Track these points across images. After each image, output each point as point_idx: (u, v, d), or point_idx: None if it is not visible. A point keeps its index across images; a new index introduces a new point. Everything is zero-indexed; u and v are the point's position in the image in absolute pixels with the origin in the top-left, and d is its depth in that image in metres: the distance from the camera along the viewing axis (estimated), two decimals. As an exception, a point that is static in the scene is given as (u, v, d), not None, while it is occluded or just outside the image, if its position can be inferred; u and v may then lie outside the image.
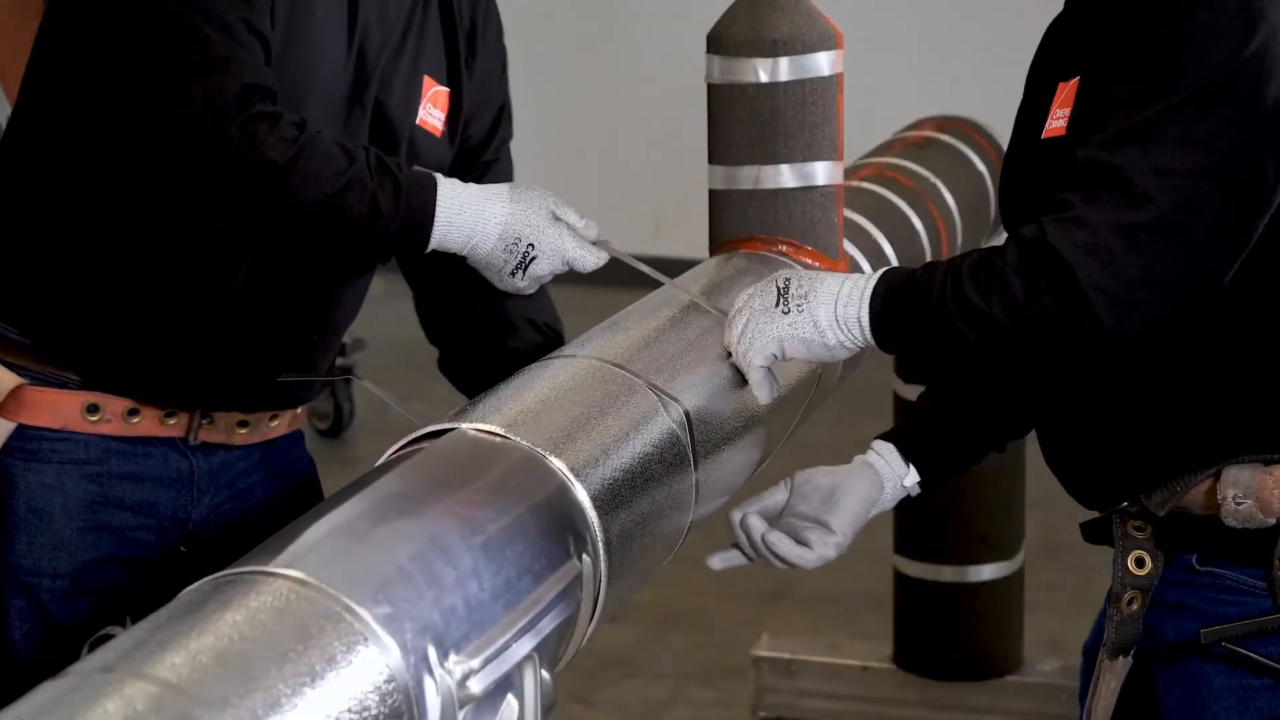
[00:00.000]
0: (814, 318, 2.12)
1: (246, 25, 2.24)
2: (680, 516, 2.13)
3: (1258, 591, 2.11)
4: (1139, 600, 2.15)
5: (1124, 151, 1.99)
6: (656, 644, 4.74)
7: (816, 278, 2.14)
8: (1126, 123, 2.00)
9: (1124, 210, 1.98)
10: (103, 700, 1.39)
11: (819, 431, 5.25)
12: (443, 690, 1.58)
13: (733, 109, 2.71)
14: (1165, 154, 1.98)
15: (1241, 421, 2.09)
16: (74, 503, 2.39)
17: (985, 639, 4.16)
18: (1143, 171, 1.98)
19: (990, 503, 4.08)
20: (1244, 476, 2.08)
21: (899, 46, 7.25)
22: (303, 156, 2.21)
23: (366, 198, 2.24)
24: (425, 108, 2.48)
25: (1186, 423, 2.12)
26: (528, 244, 2.34)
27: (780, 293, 2.14)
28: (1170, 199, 1.97)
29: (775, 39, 2.68)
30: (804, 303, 2.12)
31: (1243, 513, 2.08)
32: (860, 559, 5.14)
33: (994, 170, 3.63)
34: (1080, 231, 1.98)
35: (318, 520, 1.71)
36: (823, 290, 2.12)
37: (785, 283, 2.14)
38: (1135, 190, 1.97)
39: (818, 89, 2.71)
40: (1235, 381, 2.09)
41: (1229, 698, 2.13)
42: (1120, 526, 2.16)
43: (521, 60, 9.25)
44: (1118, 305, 1.98)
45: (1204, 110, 1.98)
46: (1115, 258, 1.97)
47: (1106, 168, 1.99)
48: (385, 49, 2.42)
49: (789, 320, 2.13)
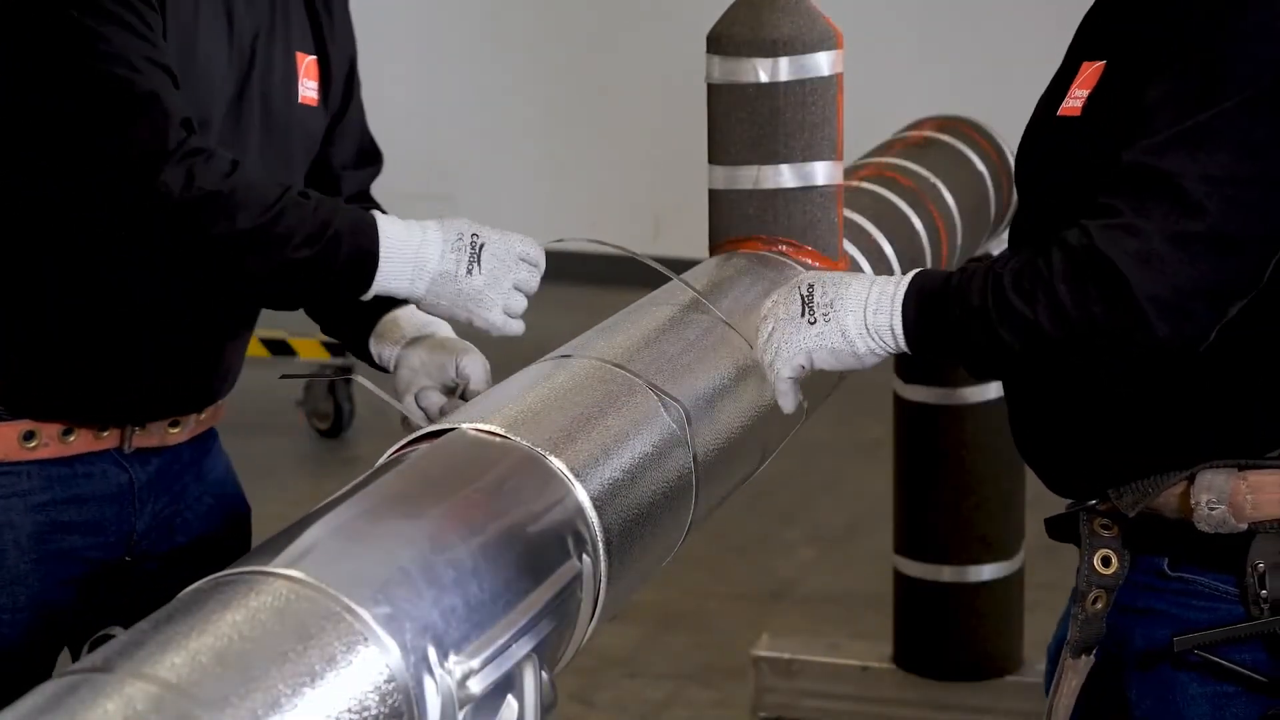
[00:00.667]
0: (842, 327, 2.08)
1: (151, 60, 2.24)
2: (680, 517, 2.13)
3: (1230, 598, 2.10)
4: (1104, 599, 2.14)
5: (1173, 157, 1.96)
6: (656, 644, 4.74)
7: (840, 282, 2.09)
8: (1175, 127, 1.97)
9: (1177, 219, 1.95)
10: (102, 700, 1.39)
11: (819, 431, 5.26)
12: (443, 690, 1.58)
13: (733, 109, 2.71)
14: (1217, 161, 1.95)
15: (1218, 425, 2.09)
16: (24, 537, 2.39)
17: (985, 639, 4.16)
18: (1194, 179, 1.95)
19: (990, 503, 4.08)
20: (1218, 481, 2.07)
21: (899, 46, 7.25)
22: (246, 190, 2.21)
23: (304, 233, 2.23)
24: (302, 83, 2.48)
25: (1162, 424, 2.11)
26: (471, 233, 2.29)
27: (804, 301, 2.09)
28: (1223, 208, 1.95)
29: (775, 39, 2.68)
30: (830, 311, 2.08)
31: (1216, 518, 2.06)
32: (860, 559, 5.17)
33: (994, 170, 3.63)
34: (1132, 240, 1.95)
35: (318, 520, 1.71)
36: (849, 297, 2.07)
37: (809, 290, 2.09)
38: (1188, 198, 1.95)
39: (818, 89, 2.71)
40: (1212, 384, 2.08)
41: (1203, 705, 2.12)
42: (1087, 524, 2.14)
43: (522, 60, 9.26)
44: (1172, 314, 1.95)
45: (1256, 116, 1.96)
46: (1169, 267, 1.94)
47: (1156, 174, 1.97)
48: (259, 36, 2.42)
49: (816, 331, 2.08)
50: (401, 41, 7.92)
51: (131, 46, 2.24)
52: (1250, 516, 2.06)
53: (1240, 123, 1.96)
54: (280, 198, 2.23)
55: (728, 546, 5.20)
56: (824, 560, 5.23)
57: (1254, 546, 2.07)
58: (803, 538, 5.39)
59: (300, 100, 2.47)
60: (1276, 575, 2.06)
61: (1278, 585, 2.06)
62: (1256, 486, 2.06)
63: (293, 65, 2.46)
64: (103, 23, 2.23)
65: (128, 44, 2.24)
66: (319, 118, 2.52)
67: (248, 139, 2.39)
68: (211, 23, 2.36)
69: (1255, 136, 1.96)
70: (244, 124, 2.39)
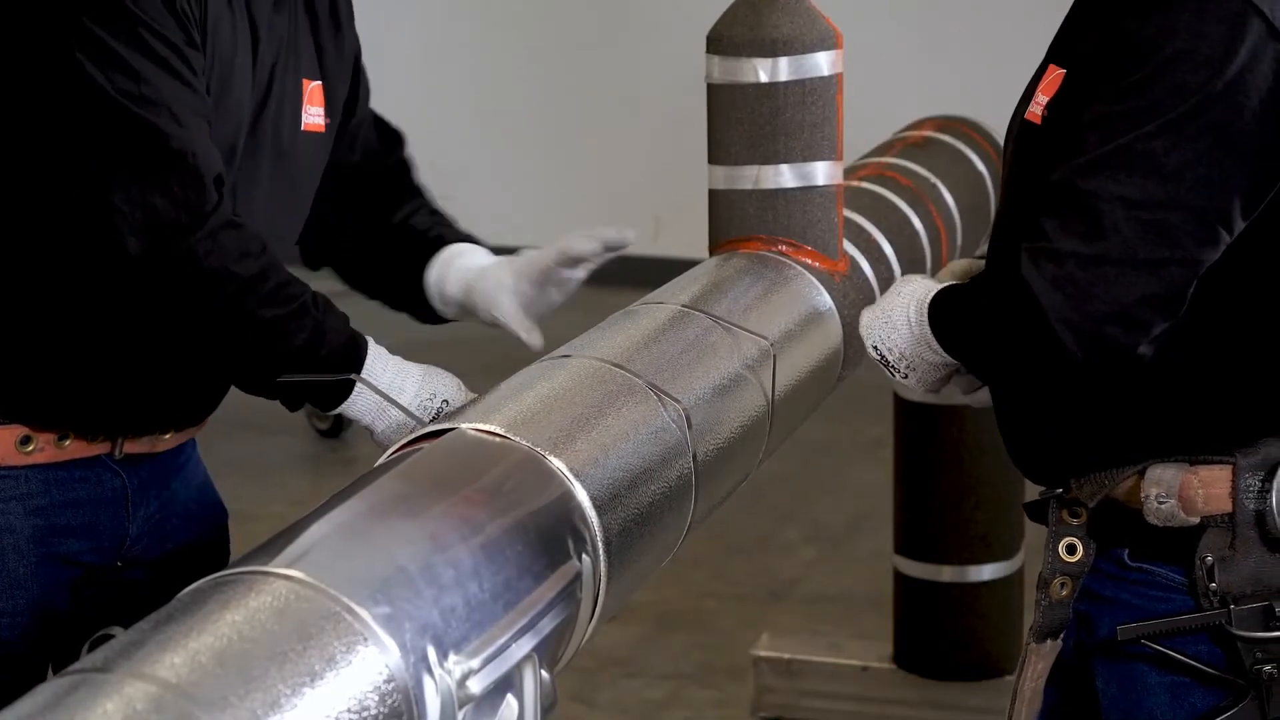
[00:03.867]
0: (922, 373, 2.26)
1: (195, 111, 2.21)
2: (680, 516, 2.13)
3: (1185, 589, 2.12)
4: (1069, 586, 2.18)
5: (1094, 179, 2.01)
6: (656, 644, 4.74)
7: (891, 329, 2.25)
8: (1100, 149, 2.01)
9: (1091, 241, 2.00)
10: (102, 700, 1.39)
11: (819, 431, 5.27)
12: (442, 690, 1.58)
13: (733, 109, 2.71)
14: (1134, 185, 1.99)
15: (1171, 423, 2.11)
16: (24, 540, 2.37)
17: (985, 639, 4.16)
18: (1110, 201, 2.00)
19: (990, 503, 4.08)
20: (1167, 475, 2.09)
21: (899, 46, 7.25)
22: (270, 272, 2.22)
23: (308, 326, 2.25)
24: (307, 110, 2.46)
25: (1118, 419, 2.13)
26: (444, 400, 2.33)
27: (885, 365, 2.27)
28: (1137, 231, 1.99)
29: (775, 39, 2.68)
30: (907, 364, 2.26)
31: (1164, 511, 2.09)
32: (860, 559, 5.17)
33: (994, 170, 3.63)
34: (1050, 265, 2.01)
35: (318, 520, 1.71)
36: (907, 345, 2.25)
37: (880, 356, 2.27)
38: (1103, 221, 1.99)
39: (818, 89, 2.71)
40: (1166, 384, 2.10)
41: (1161, 694, 2.15)
42: (1056, 512, 2.19)
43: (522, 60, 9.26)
44: (1086, 339, 2.01)
45: (1174, 141, 1.98)
46: (1080, 291, 2.00)
47: (1077, 195, 2.02)
48: (276, 64, 2.39)
49: (913, 381, 2.27)
50: (401, 42, 7.92)
51: (174, 94, 2.18)
52: (1201, 510, 2.09)
53: (1159, 147, 1.99)
54: (300, 299, 2.26)
55: (728, 546, 5.20)
56: (824, 560, 5.23)
57: (1204, 540, 2.09)
58: (803, 538, 5.39)
59: (304, 128, 2.46)
60: (1225, 569, 2.09)
61: (1226, 579, 2.09)
62: (1208, 481, 2.09)
63: (299, 92, 2.45)
64: (146, 63, 2.18)
65: (172, 90, 2.19)
66: (324, 144, 2.51)
67: (260, 170, 2.38)
68: (244, 55, 2.34)
69: (1172, 160, 1.99)
70: (258, 155, 2.37)
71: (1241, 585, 2.08)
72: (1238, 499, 2.08)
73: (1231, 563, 2.08)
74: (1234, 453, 2.08)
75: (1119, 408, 2.12)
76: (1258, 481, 2.08)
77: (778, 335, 2.48)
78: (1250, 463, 2.08)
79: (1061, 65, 2.13)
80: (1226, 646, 2.10)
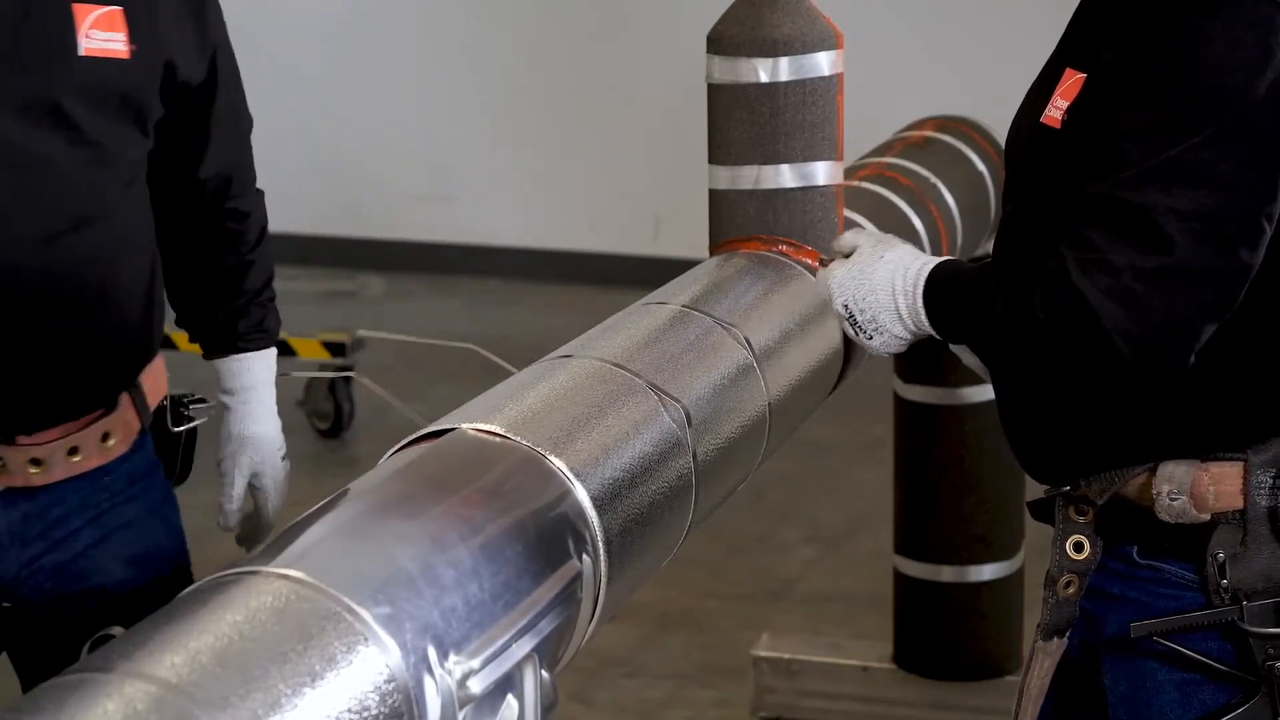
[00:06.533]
0: (893, 333, 2.25)
1: None
2: (680, 516, 2.13)
3: (1195, 587, 2.13)
4: (1076, 584, 2.19)
5: (1145, 192, 2.01)
6: (656, 644, 4.74)
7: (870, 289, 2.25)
8: (1148, 162, 2.01)
9: (1148, 255, 2.00)
10: (103, 700, 1.39)
11: (819, 431, 5.26)
12: (443, 690, 1.58)
13: (733, 109, 2.71)
14: (1187, 196, 2.00)
15: (1182, 420, 2.11)
16: None
17: (985, 639, 4.16)
18: (1164, 214, 2.00)
19: (990, 503, 4.08)
20: (1179, 472, 2.10)
21: (899, 46, 7.25)
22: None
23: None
24: (89, 34, 2.36)
25: (1130, 421, 2.14)
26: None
27: (851, 322, 2.28)
28: (1192, 243, 2.00)
29: (775, 39, 2.68)
30: (876, 325, 2.26)
31: (1176, 508, 2.10)
32: (860, 559, 5.17)
33: (994, 170, 3.63)
34: (1104, 276, 2.01)
35: (318, 520, 1.71)
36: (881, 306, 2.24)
37: (848, 312, 2.27)
38: (1159, 234, 2.00)
39: (818, 89, 2.71)
40: (1180, 379, 2.10)
41: (1171, 692, 2.15)
42: (1062, 510, 2.19)
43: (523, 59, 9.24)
44: (1142, 350, 2.01)
45: (1223, 152, 1.99)
46: (1139, 302, 2.00)
47: (1129, 208, 2.01)
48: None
49: (876, 344, 2.27)
50: (401, 42, 7.92)
51: None
52: (1213, 507, 2.10)
53: (1208, 157, 1.99)
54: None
55: (728, 546, 5.20)
56: (824, 560, 5.23)
57: (1215, 537, 2.10)
58: (803, 538, 5.39)
59: (84, 53, 2.35)
60: (1236, 565, 2.09)
61: (1237, 575, 2.09)
62: (1219, 478, 2.10)
63: (67, 16, 2.35)
64: None
65: None
66: (127, 71, 2.40)
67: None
68: None
69: (1223, 170, 2.00)
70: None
71: (1253, 581, 2.09)
72: (1249, 495, 2.08)
73: (1243, 559, 2.09)
74: (1245, 450, 2.09)
75: (1131, 408, 2.12)
76: (1269, 478, 2.09)
77: (775, 338, 2.47)
78: (1262, 459, 2.09)
79: (1079, 69, 2.12)
80: (1238, 643, 2.10)
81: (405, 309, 7.45)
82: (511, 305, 7.52)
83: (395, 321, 7.21)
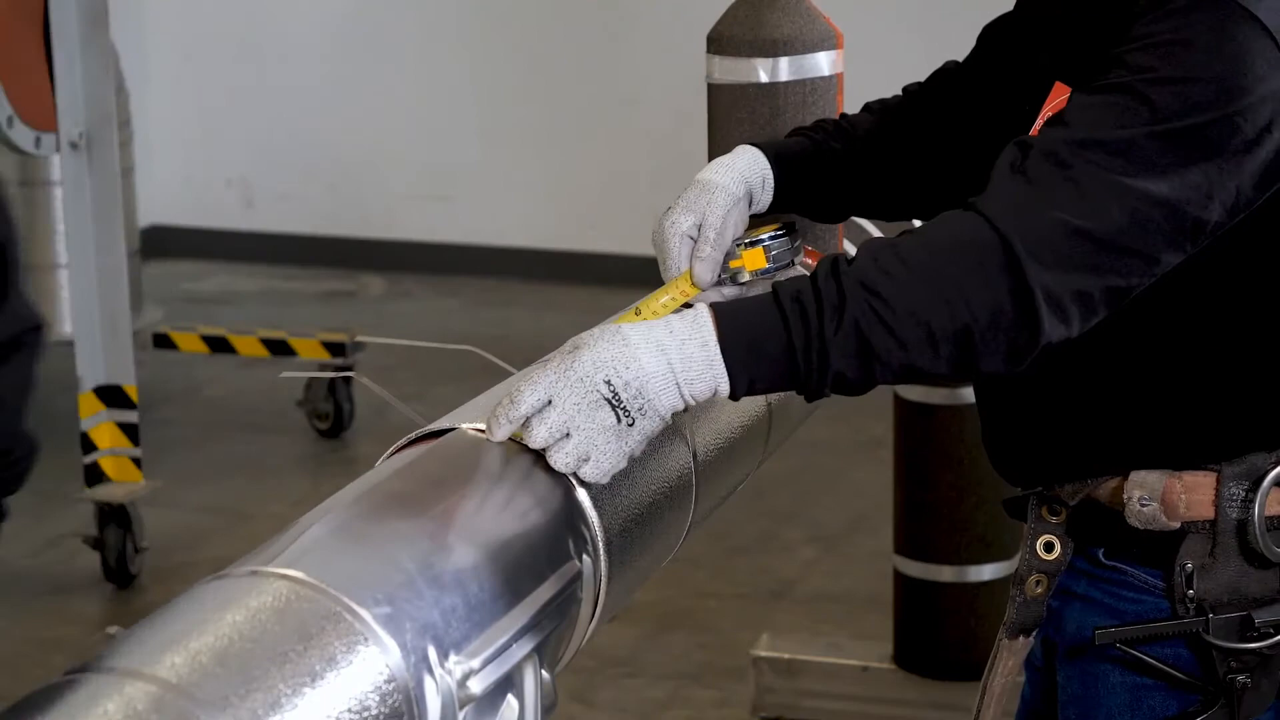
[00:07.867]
0: (661, 413, 1.89)
1: None
2: (680, 516, 2.13)
3: (1159, 592, 2.11)
4: (1044, 584, 2.18)
5: (1091, 155, 1.94)
6: (656, 644, 4.74)
7: (635, 364, 1.87)
8: (1104, 133, 1.95)
9: (1077, 213, 1.93)
10: (103, 700, 1.39)
11: (819, 431, 5.26)
12: (443, 690, 1.58)
13: (733, 109, 2.71)
14: (1130, 175, 1.94)
15: (1155, 432, 2.10)
16: None
17: (985, 639, 4.13)
18: (1104, 183, 1.94)
19: (990, 503, 4.08)
20: (1151, 479, 2.08)
21: (899, 46, 7.25)
22: None
23: None
24: None
25: (1103, 429, 2.12)
26: None
27: (612, 405, 1.85)
28: (1125, 218, 1.94)
29: (775, 39, 2.68)
30: (644, 405, 1.87)
31: (1146, 514, 2.08)
32: (860, 559, 5.17)
33: (994, 170, 3.62)
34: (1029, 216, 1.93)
35: (318, 520, 1.71)
36: (654, 379, 1.87)
37: (611, 391, 1.85)
38: (1094, 198, 1.94)
39: (818, 89, 2.71)
40: (1154, 391, 2.09)
41: (1122, 695, 2.14)
42: (1035, 509, 2.18)
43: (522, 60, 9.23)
44: (1053, 308, 1.92)
45: (1172, 146, 1.95)
46: (1059, 260, 1.92)
47: (1065, 165, 1.94)
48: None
49: (637, 430, 1.88)
50: (402, 43, 7.92)
51: None
52: (1183, 516, 2.08)
53: (1156, 146, 1.94)
54: None
55: (728, 546, 5.20)
56: (824, 560, 5.23)
57: (1184, 546, 2.08)
58: (803, 538, 5.39)
59: None
60: (1204, 576, 2.08)
61: (1204, 586, 2.08)
62: (1191, 486, 2.08)
63: None
64: None
65: None
66: None
67: None
68: None
69: (1166, 163, 1.94)
70: None
71: (1219, 594, 2.08)
72: (1220, 507, 2.07)
73: (1210, 571, 2.08)
74: (1220, 462, 2.08)
75: (1104, 419, 2.11)
76: (1241, 491, 2.07)
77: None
78: (1235, 471, 2.07)
79: (1070, 82, 2.11)
80: (1200, 652, 2.09)
81: (405, 309, 7.45)
82: (511, 305, 7.52)
83: (395, 321, 7.22)
